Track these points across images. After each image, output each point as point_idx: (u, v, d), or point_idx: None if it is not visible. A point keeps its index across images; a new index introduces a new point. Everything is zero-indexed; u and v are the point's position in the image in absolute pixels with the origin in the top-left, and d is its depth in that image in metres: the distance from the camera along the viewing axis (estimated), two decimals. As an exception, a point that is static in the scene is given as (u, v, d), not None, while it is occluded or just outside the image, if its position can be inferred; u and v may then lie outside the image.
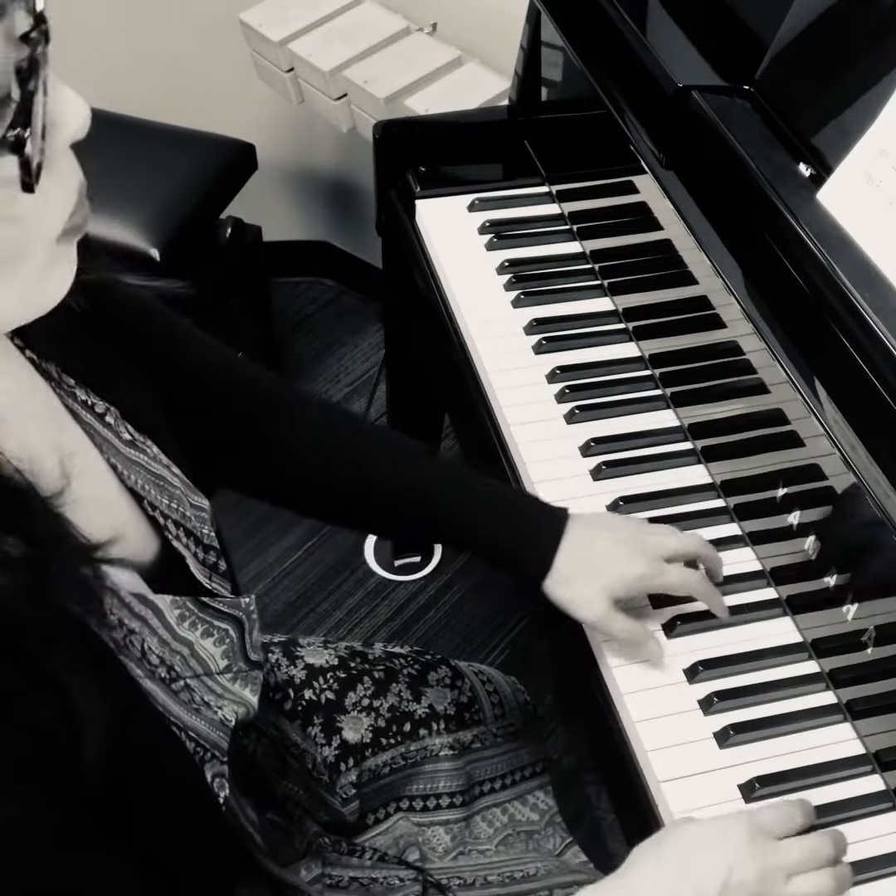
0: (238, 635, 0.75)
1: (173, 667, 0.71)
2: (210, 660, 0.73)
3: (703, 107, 1.05)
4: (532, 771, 1.13)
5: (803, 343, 0.93)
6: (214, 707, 0.73)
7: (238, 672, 0.75)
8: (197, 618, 0.73)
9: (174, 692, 0.70)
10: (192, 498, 0.78)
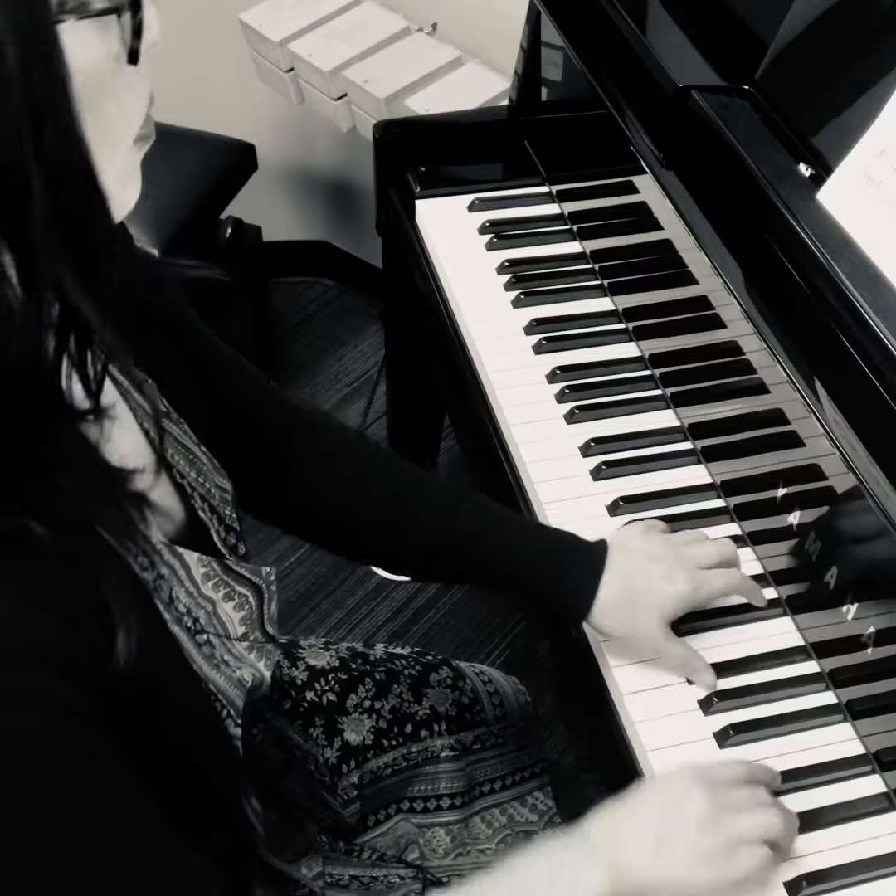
0: (257, 604, 0.77)
1: (198, 619, 0.72)
2: (229, 623, 0.75)
3: (703, 107, 1.05)
4: (532, 771, 1.13)
5: (803, 343, 0.93)
6: (233, 667, 0.74)
7: (254, 642, 0.76)
8: (220, 579, 0.74)
9: (198, 644, 0.72)
10: (217, 479, 0.80)
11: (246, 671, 0.75)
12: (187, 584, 0.72)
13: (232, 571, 0.75)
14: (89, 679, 0.59)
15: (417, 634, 1.93)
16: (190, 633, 0.71)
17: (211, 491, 0.79)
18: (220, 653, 0.73)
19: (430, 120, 1.59)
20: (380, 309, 2.18)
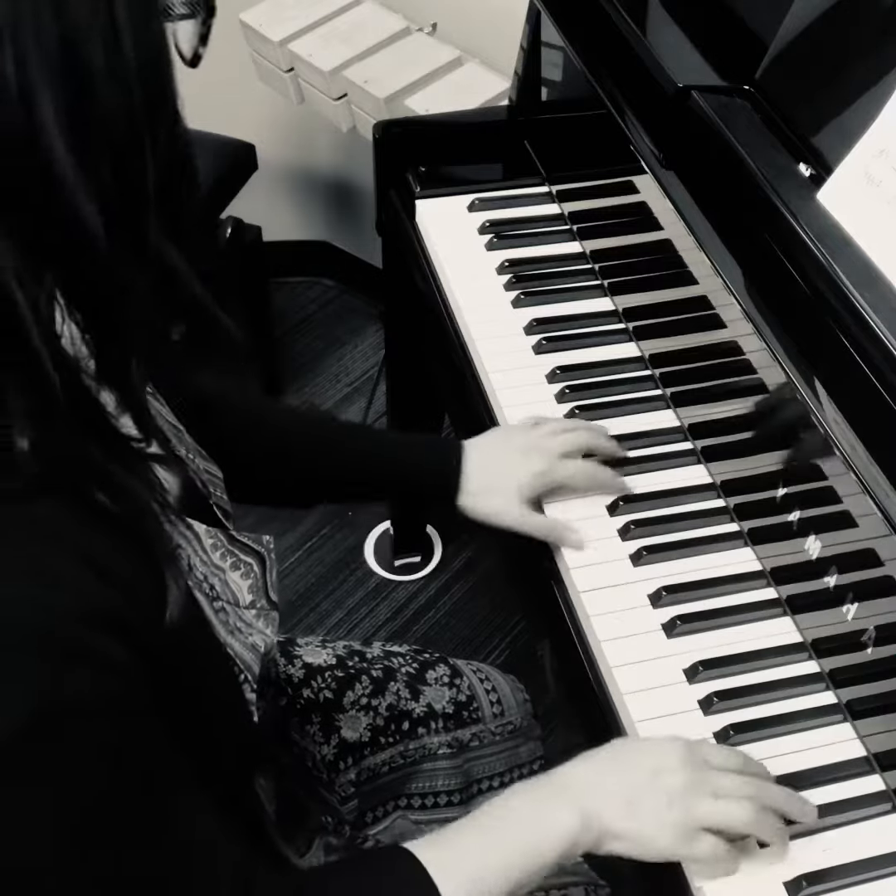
0: (260, 571, 0.79)
1: (214, 586, 0.74)
2: (238, 591, 0.77)
3: (703, 107, 1.05)
4: (531, 769, 1.13)
5: (803, 343, 0.93)
6: (245, 633, 0.76)
7: (261, 609, 0.79)
8: (226, 549, 0.77)
9: (215, 610, 0.74)
10: (204, 463, 0.81)
11: (257, 637, 0.77)
12: (201, 553, 0.74)
13: (236, 541, 0.78)
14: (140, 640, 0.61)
15: (417, 634, 1.93)
16: (209, 600, 0.73)
17: (200, 468, 0.80)
18: (233, 620, 0.75)
19: (430, 120, 1.59)
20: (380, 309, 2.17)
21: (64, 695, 0.57)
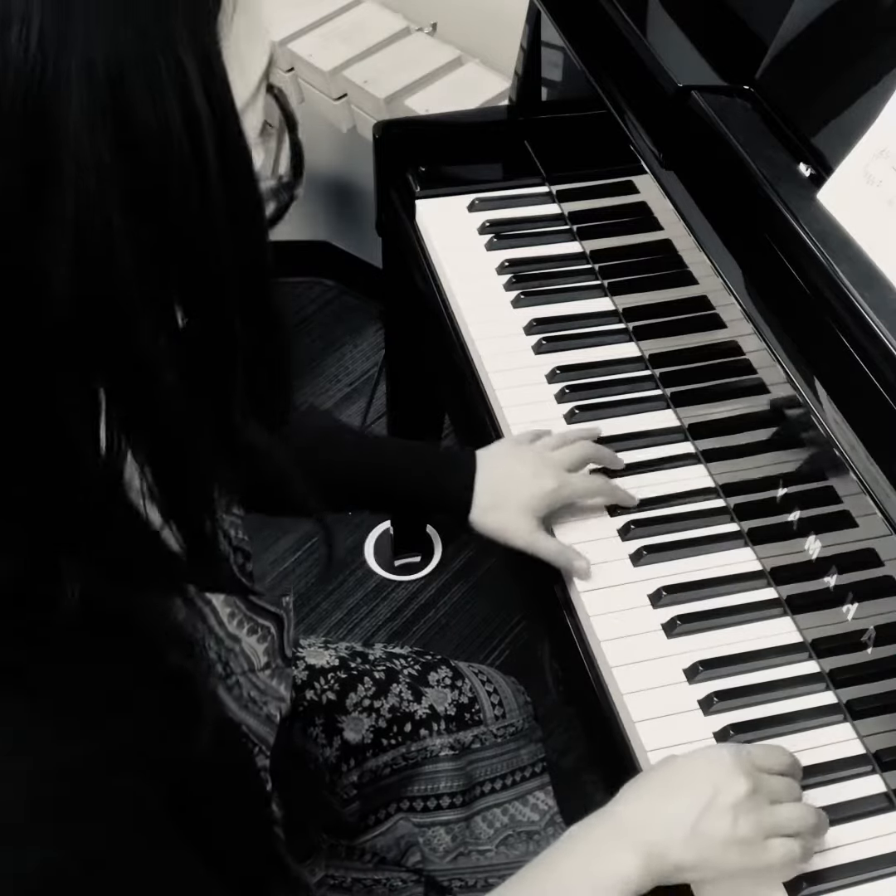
0: (277, 633, 0.78)
1: (228, 663, 0.72)
2: (254, 656, 0.75)
3: (703, 107, 1.05)
4: (532, 771, 1.13)
5: (803, 343, 0.93)
6: (259, 703, 0.75)
7: (275, 669, 0.77)
8: (244, 616, 0.75)
9: (228, 688, 0.72)
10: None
11: (272, 705, 0.75)
12: (217, 629, 0.72)
13: (255, 606, 0.76)
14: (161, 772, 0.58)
15: (417, 634, 1.93)
16: (222, 680, 0.71)
17: (222, 516, 0.78)
18: (246, 691, 0.74)
19: (430, 120, 1.59)
20: (380, 309, 2.17)
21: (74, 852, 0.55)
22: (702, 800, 0.77)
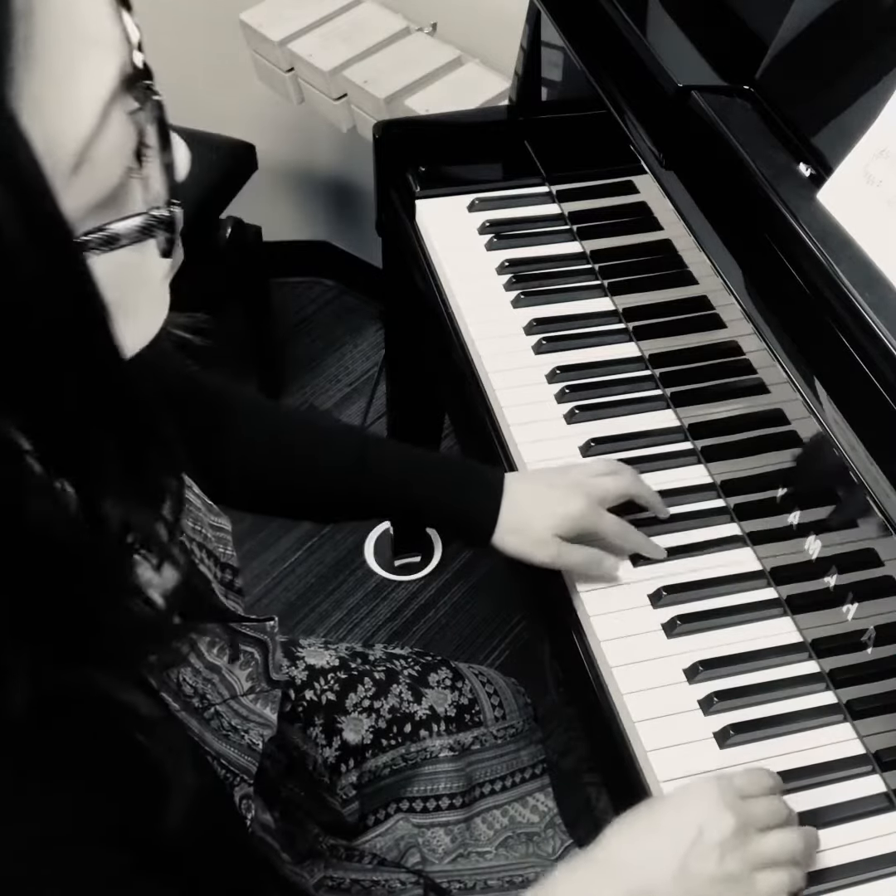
0: (262, 658, 0.76)
1: (205, 695, 0.71)
2: (236, 683, 0.74)
3: (703, 107, 1.05)
4: (532, 773, 1.13)
5: (803, 343, 0.93)
6: (241, 731, 0.73)
7: (260, 693, 0.76)
8: (225, 644, 0.74)
9: (206, 720, 0.71)
10: (212, 519, 0.79)
11: (254, 733, 0.74)
12: (194, 660, 0.70)
13: (237, 633, 0.75)
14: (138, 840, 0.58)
15: (417, 634, 1.93)
16: (199, 714, 0.70)
17: (208, 537, 0.78)
18: (227, 720, 0.73)
19: (430, 120, 1.59)
20: (380, 309, 2.18)
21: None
22: (688, 837, 0.77)
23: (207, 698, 0.71)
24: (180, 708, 0.68)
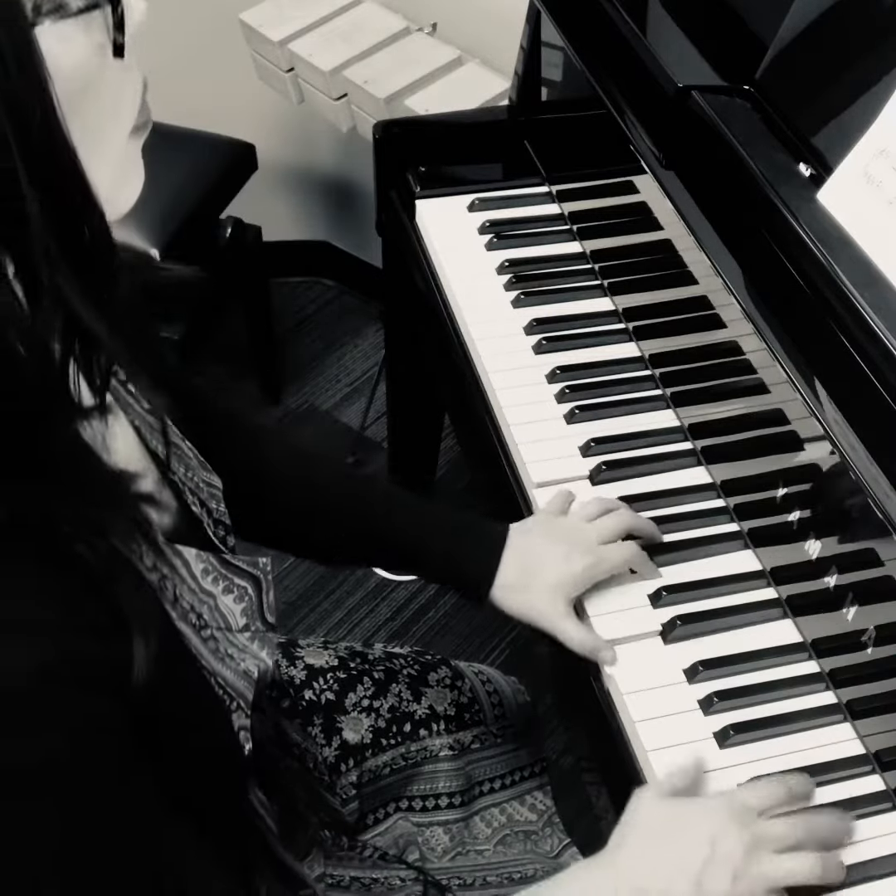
0: (256, 594, 0.77)
1: (202, 615, 0.72)
2: (230, 615, 0.75)
3: (703, 107, 1.05)
4: (531, 771, 1.13)
5: (803, 343, 0.93)
6: (238, 659, 0.74)
7: (256, 632, 0.77)
8: (219, 573, 0.74)
9: (203, 639, 0.72)
10: (203, 474, 0.80)
11: (250, 662, 0.75)
12: (189, 581, 0.72)
13: (230, 565, 0.76)
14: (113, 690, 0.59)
15: (417, 634, 1.93)
16: (195, 630, 0.71)
17: (199, 486, 0.79)
18: (223, 646, 0.74)
19: (430, 120, 1.59)
20: (380, 309, 2.18)
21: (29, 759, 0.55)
22: (701, 854, 0.77)
23: (204, 618, 0.72)
24: (177, 618, 0.69)
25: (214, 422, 0.98)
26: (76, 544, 0.58)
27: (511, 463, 1.14)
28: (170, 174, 1.88)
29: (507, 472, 1.13)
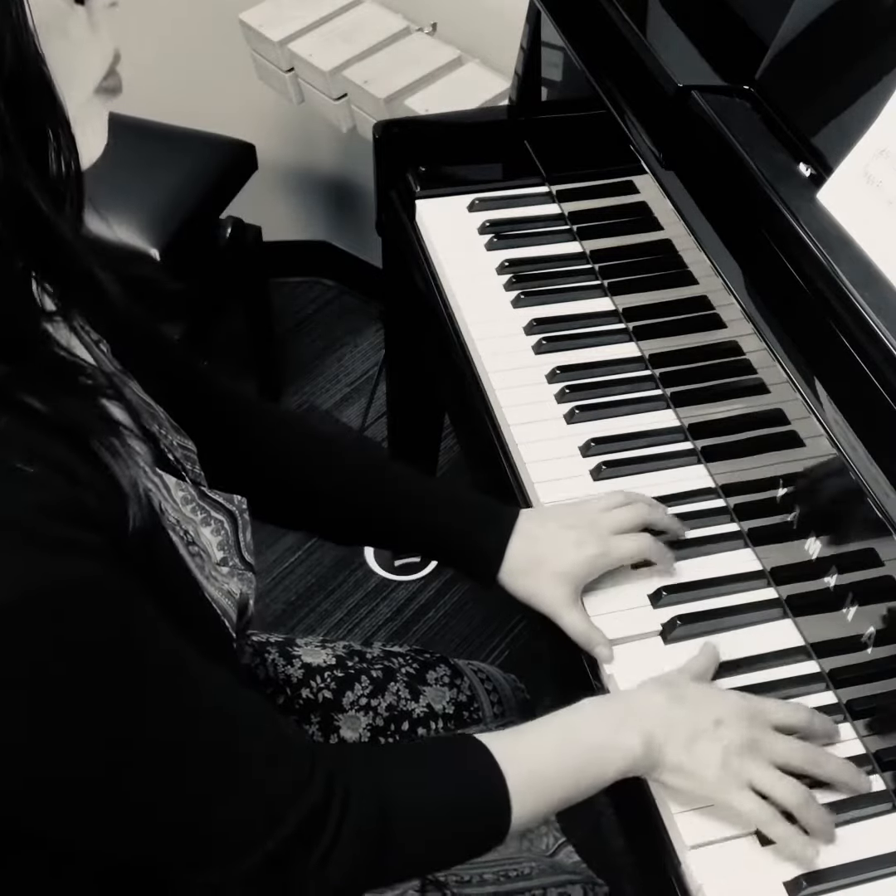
0: (232, 529, 0.79)
1: (188, 531, 0.74)
2: (209, 546, 0.76)
3: (703, 107, 1.05)
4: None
5: (803, 343, 0.93)
6: (221, 582, 0.76)
7: (234, 568, 0.78)
8: (197, 504, 0.76)
9: (191, 554, 0.73)
10: (177, 437, 0.81)
11: (233, 585, 0.77)
12: (171, 501, 0.73)
13: (206, 497, 0.77)
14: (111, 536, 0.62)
15: (417, 634, 1.93)
16: (183, 543, 0.73)
17: (173, 444, 0.80)
18: (208, 567, 0.75)
19: (430, 120, 1.59)
20: (380, 309, 2.18)
21: (51, 580, 0.58)
22: (704, 722, 0.83)
23: (190, 535, 0.74)
24: (166, 527, 0.71)
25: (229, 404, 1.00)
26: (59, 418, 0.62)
27: (511, 463, 1.14)
28: (170, 174, 1.88)
29: (507, 472, 1.13)
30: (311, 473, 1.01)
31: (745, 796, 0.82)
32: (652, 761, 0.83)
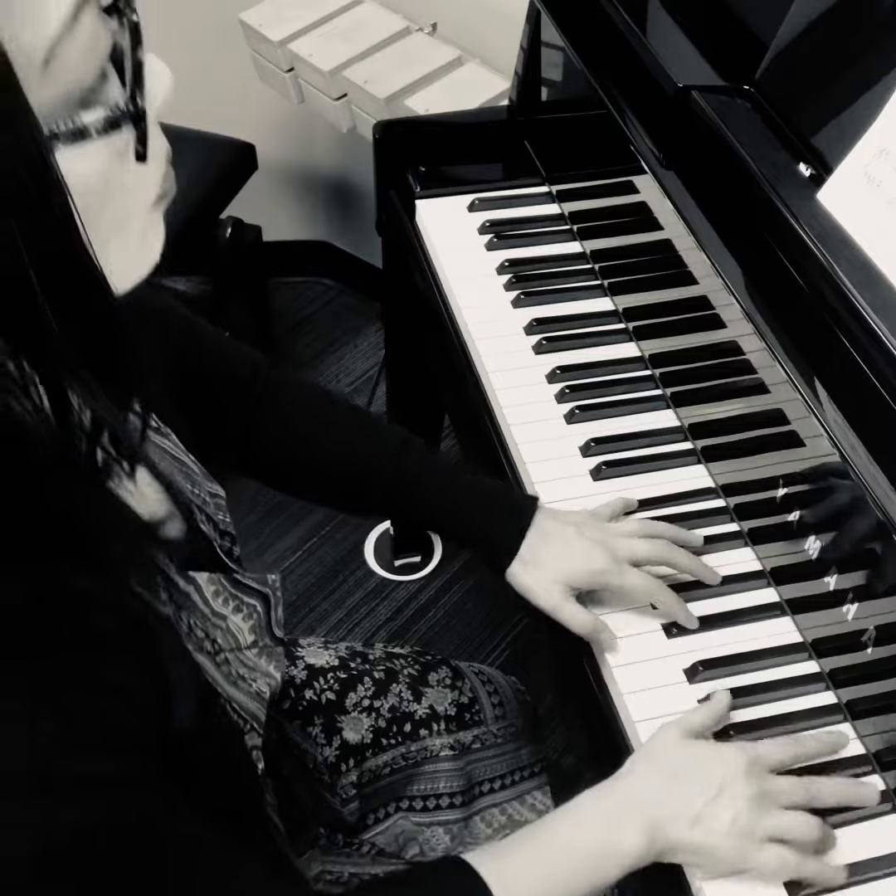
0: (264, 611, 0.78)
1: (216, 640, 0.72)
2: (239, 633, 0.75)
3: (703, 107, 1.05)
4: (531, 771, 1.13)
5: (803, 343, 0.93)
6: (249, 680, 0.75)
7: (264, 647, 0.77)
8: (229, 594, 0.75)
9: (217, 664, 0.72)
10: (208, 486, 0.80)
11: (261, 682, 0.76)
12: (201, 606, 0.72)
13: (240, 584, 0.76)
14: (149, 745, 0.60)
15: (417, 634, 1.93)
16: (211, 657, 0.72)
17: (206, 500, 0.79)
18: (235, 668, 0.74)
19: (430, 120, 1.59)
20: (380, 309, 2.18)
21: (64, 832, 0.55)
22: (708, 792, 0.80)
23: (218, 643, 0.73)
24: (193, 649, 0.70)
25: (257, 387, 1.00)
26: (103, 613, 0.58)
27: (511, 463, 1.14)
28: (170, 174, 1.88)
29: (508, 472, 1.13)
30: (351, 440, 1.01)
31: (766, 855, 0.80)
32: (660, 848, 0.80)
